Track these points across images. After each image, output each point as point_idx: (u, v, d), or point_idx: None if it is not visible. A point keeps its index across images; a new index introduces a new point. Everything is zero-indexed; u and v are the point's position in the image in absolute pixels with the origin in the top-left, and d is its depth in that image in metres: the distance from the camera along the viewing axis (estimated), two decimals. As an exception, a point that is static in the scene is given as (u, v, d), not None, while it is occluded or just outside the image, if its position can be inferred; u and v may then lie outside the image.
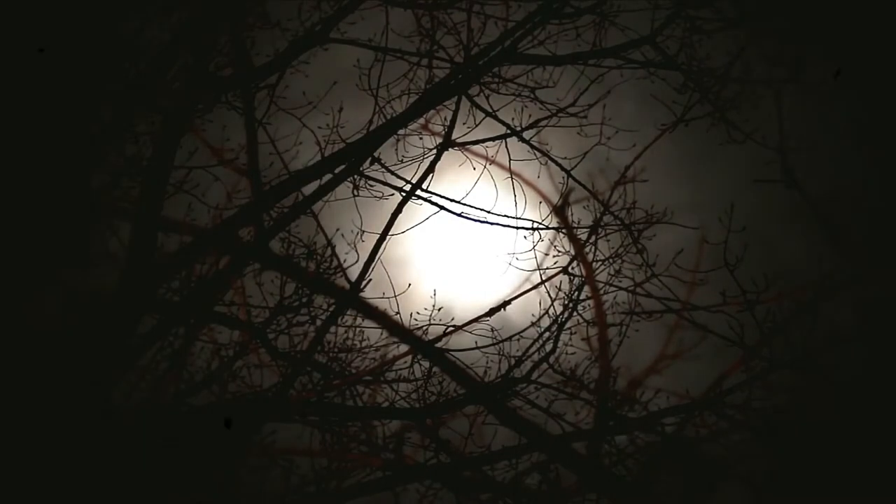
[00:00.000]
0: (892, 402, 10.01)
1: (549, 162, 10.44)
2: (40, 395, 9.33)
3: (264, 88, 10.26)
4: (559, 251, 10.44)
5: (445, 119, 10.38)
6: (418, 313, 10.17)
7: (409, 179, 10.27)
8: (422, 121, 10.43)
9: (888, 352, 10.17)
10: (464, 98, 10.33)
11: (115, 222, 9.93)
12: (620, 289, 10.35)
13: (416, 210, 10.31)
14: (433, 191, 10.30)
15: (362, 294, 10.17)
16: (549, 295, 10.30)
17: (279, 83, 10.26)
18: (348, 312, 10.21)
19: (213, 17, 10.03)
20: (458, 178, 10.40)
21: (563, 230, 10.57)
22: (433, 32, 10.40)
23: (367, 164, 10.23)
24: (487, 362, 10.20)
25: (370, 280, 10.15)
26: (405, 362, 10.22)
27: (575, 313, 10.26)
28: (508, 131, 10.38)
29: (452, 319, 10.20)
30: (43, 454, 9.22)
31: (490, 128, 10.41)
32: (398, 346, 10.26)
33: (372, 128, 10.27)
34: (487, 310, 10.28)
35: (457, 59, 10.37)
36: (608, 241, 10.41)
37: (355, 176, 10.21)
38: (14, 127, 9.51)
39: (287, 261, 10.18)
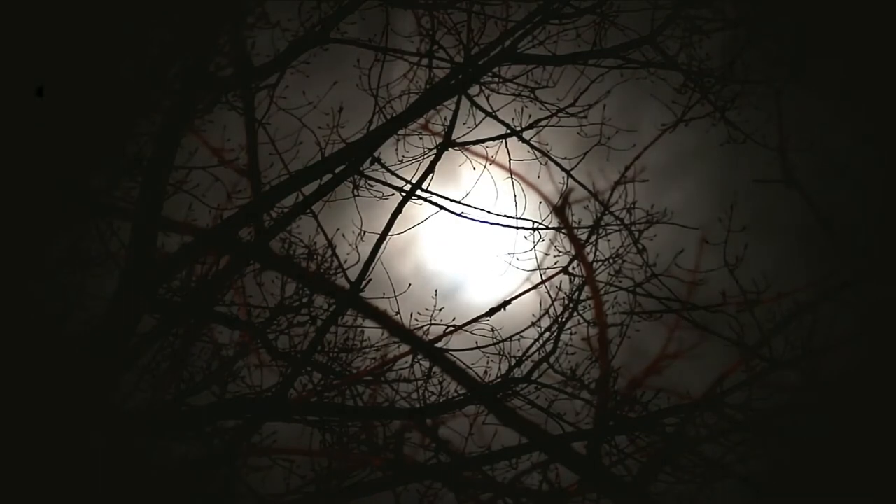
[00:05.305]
0: (891, 402, 10.00)
1: (549, 162, 10.45)
2: (40, 396, 9.33)
3: (264, 88, 10.26)
4: (559, 251, 10.45)
5: (445, 119, 10.39)
6: (418, 313, 10.18)
7: (409, 179, 10.28)
8: (422, 121, 10.44)
9: (888, 352, 10.16)
10: (464, 98, 10.33)
11: (115, 222, 9.92)
12: (621, 289, 10.36)
13: (416, 210, 10.32)
14: (433, 191, 10.31)
15: (362, 294, 10.16)
16: (550, 295, 10.31)
17: (279, 83, 10.26)
18: (348, 312, 10.21)
19: (213, 18, 10.03)
20: (458, 178, 10.41)
21: (563, 230, 10.58)
22: (433, 32, 10.40)
23: (367, 164, 10.23)
24: (487, 362, 10.21)
25: (370, 280, 10.14)
26: (405, 362, 10.23)
27: (575, 313, 10.27)
28: (508, 131, 10.39)
29: (453, 319, 10.21)
30: (43, 455, 9.22)
31: (490, 128, 10.42)
32: (398, 346, 10.26)
33: (372, 128, 10.28)
34: (487, 310, 10.27)
35: (457, 59, 10.38)
36: (608, 241, 10.43)
37: (355, 176, 10.21)
38: (14, 127, 9.51)
39: (287, 261, 10.18)
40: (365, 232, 10.20)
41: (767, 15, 10.49)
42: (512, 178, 10.38)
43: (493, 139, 10.41)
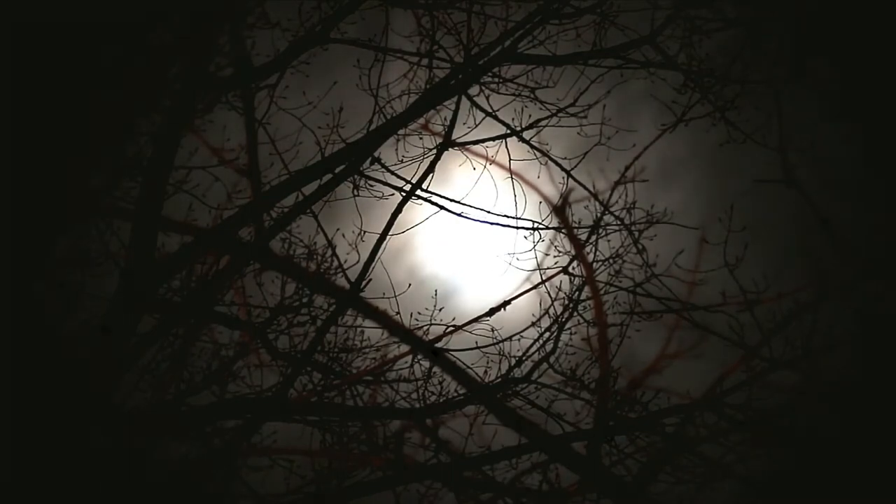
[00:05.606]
0: (891, 402, 10.00)
1: (549, 162, 10.45)
2: (39, 396, 9.33)
3: (264, 88, 10.26)
4: (559, 251, 10.45)
5: (445, 119, 10.39)
6: (419, 313, 10.18)
7: (409, 179, 10.28)
8: (422, 121, 10.44)
9: (887, 352, 10.16)
10: (464, 98, 10.33)
11: (115, 222, 9.93)
12: (621, 289, 10.35)
13: (417, 210, 10.32)
14: (433, 191, 10.31)
15: (362, 294, 10.17)
16: (549, 295, 10.31)
17: (279, 83, 10.27)
18: (348, 312, 10.21)
19: (213, 18, 10.03)
20: (458, 178, 10.41)
21: (563, 230, 10.58)
22: (433, 32, 10.40)
23: (367, 164, 10.23)
24: (487, 362, 10.21)
25: (370, 280, 10.15)
26: (405, 362, 10.23)
27: (575, 313, 10.27)
28: (508, 131, 10.39)
29: (453, 319, 10.21)
30: (43, 455, 9.22)
31: (490, 128, 10.42)
32: (398, 346, 10.26)
33: (372, 128, 10.28)
34: (487, 310, 10.27)
35: (457, 59, 10.38)
36: (608, 241, 10.43)
37: (355, 176, 10.21)
38: (14, 126, 9.50)
39: (287, 261, 10.18)
40: (365, 232, 10.20)
41: (767, 15, 10.49)
42: (512, 178, 10.39)
43: (493, 139, 10.41)
